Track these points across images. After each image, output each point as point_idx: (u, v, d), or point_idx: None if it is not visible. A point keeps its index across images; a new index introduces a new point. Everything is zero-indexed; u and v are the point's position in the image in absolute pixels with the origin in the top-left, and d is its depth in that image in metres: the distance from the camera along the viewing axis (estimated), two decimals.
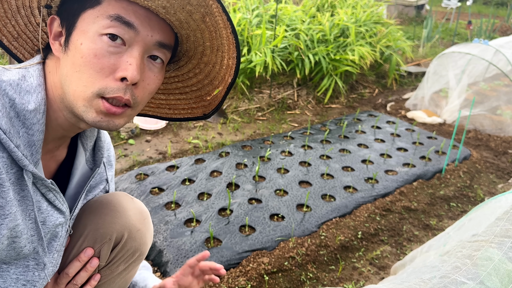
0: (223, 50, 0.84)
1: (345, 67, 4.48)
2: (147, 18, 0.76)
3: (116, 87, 0.75)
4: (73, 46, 0.76)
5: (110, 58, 0.74)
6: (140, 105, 0.83)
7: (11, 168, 0.74)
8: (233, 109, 4.12)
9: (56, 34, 0.82)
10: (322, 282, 1.96)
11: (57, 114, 0.82)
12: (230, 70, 0.87)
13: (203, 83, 0.95)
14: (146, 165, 2.93)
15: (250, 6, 4.84)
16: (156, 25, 0.78)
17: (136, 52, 0.76)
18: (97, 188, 1.04)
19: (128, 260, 1.06)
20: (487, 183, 3.01)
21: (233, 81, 0.89)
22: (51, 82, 0.82)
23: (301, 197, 2.55)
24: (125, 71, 0.75)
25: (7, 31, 0.88)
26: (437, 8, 12.50)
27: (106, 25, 0.74)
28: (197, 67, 0.93)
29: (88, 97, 0.76)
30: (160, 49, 0.80)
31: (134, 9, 0.75)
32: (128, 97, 0.77)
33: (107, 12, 0.74)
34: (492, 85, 4.33)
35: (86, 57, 0.74)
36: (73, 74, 0.76)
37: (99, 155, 0.98)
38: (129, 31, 0.75)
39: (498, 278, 1.04)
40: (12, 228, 0.75)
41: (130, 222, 1.02)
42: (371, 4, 5.72)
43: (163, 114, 1.05)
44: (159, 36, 0.79)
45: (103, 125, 0.78)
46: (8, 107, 0.73)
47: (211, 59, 0.89)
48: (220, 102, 0.95)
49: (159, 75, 0.83)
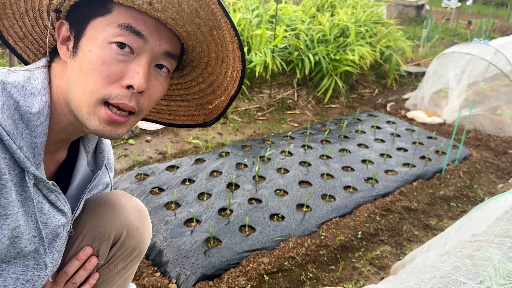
0: (228, 62, 0.85)
1: (345, 67, 4.48)
2: (156, 28, 0.77)
3: (121, 94, 0.76)
4: (82, 52, 0.76)
5: (117, 66, 0.75)
6: (144, 112, 0.83)
7: (13, 169, 0.74)
8: (233, 109, 4.12)
9: (64, 39, 0.82)
10: (322, 282, 1.96)
11: (61, 117, 0.83)
12: (234, 82, 0.88)
13: (206, 92, 0.95)
14: (146, 165, 2.93)
15: (250, 6, 4.84)
16: (164, 35, 0.78)
17: (144, 61, 0.77)
18: (97, 189, 1.04)
19: (127, 259, 1.06)
20: (487, 183, 3.01)
21: (236, 93, 0.89)
22: (57, 86, 0.82)
23: (301, 197, 2.54)
24: (132, 79, 0.75)
25: (14, 31, 0.88)
26: (437, 8, 12.50)
27: (116, 33, 0.75)
28: (200, 76, 0.94)
29: (92, 103, 0.76)
30: (167, 59, 0.81)
31: (144, 19, 0.76)
32: (133, 105, 0.78)
33: (117, 20, 0.75)
34: (492, 85, 4.33)
35: (94, 64, 0.75)
36: (80, 80, 0.76)
37: (101, 158, 0.98)
38: (138, 40, 0.76)
39: (498, 278, 1.03)
40: (14, 228, 0.75)
41: (128, 221, 1.02)
42: (371, 4, 5.72)
43: (163, 119, 1.05)
44: (167, 46, 0.79)
45: (105, 134, 0.79)
46: (12, 109, 0.74)
47: (216, 69, 0.89)
48: (221, 112, 0.96)
49: (165, 83, 0.84)
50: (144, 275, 1.90)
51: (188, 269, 1.89)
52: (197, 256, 1.97)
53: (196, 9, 0.73)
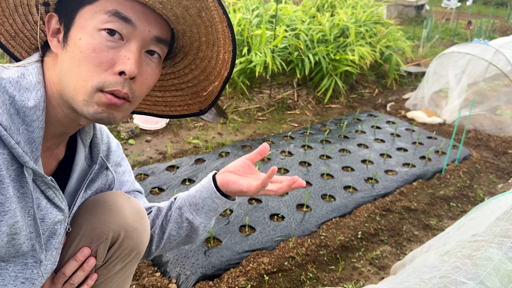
0: (219, 44, 0.85)
1: (345, 67, 4.47)
2: (144, 13, 0.77)
3: (114, 81, 0.76)
4: (72, 41, 0.77)
5: (108, 53, 0.76)
6: (138, 100, 0.84)
7: (11, 164, 0.74)
8: (233, 109, 4.12)
9: (54, 31, 0.83)
10: (322, 282, 1.96)
11: (56, 110, 0.83)
12: (226, 64, 0.88)
13: (199, 78, 0.96)
14: (146, 165, 2.93)
15: (250, 6, 4.84)
16: (153, 20, 0.79)
17: (134, 46, 0.77)
18: (96, 185, 1.04)
19: (125, 260, 1.05)
20: (487, 183, 3.01)
21: (229, 75, 0.89)
22: (50, 79, 0.82)
23: (301, 197, 2.54)
24: (124, 65, 0.76)
25: (5, 29, 0.88)
26: (437, 8, 12.50)
27: (104, 20, 0.75)
28: (193, 63, 0.94)
29: (88, 92, 0.77)
30: (157, 44, 0.81)
31: (131, 4, 0.76)
32: (126, 91, 0.78)
33: (105, 7, 0.75)
34: (492, 85, 4.33)
35: (85, 52, 0.75)
36: (73, 69, 0.77)
37: (96, 152, 0.98)
38: (127, 26, 0.76)
39: (498, 278, 1.03)
40: (12, 225, 0.75)
41: (126, 221, 1.02)
42: (371, 4, 5.71)
43: (159, 111, 1.05)
44: (156, 31, 0.80)
45: (103, 118, 0.79)
46: (8, 104, 0.74)
47: (207, 54, 0.89)
48: (216, 97, 0.96)
49: (156, 69, 0.85)
50: (144, 275, 1.90)
51: (188, 269, 1.89)
52: (197, 256, 1.97)
53: None
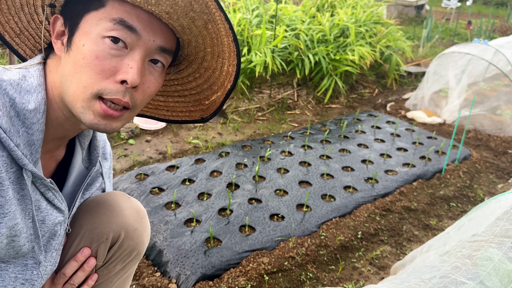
0: (223, 56, 0.85)
1: (345, 67, 4.47)
2: (149, 23, 0.76)
3: (115, 89, 0.76)
4: (75, 46, 0.76)
5: (111, 61, 0.75)
6: (139, 108, 0.83)
7: (11, 167, 0.74)
8: (233, 109, 4.12)
9: (59, 33, 0.82)
10: (322, 282, 1.96)
11: (57, 113, 0.83)
12: (230, 77, 0.88)
13: (202, 87, 0.95)
14: (146, 165, 2.93)
15: (250, 6, 4.84)
16: (158, 30, 0.78)
17: (138, 55, 0.76)
18: (94, 186, 1.04)
19: (125, 260, 1.05)
20: (487, 183, 3.01)
21: (232, 88, 0.89)
22: (51, 82, 0.82)
23: (301, 197, 2.54)
24: (126, 74, 0.75)
25: (10, 27, 0.88)
26: (437, 8, 12.49)
27: (109, 28, 0.74)
28: (197, 72, 0.93)
29: (86, 98, 0.76)
30: (162, 54, 0.81)
31: (137, 13, 0.75)
32: (127, 100, 0.77)
33: (110, 15, 0.74)
34: (492, 85, 4.33)
35: (88, 59, 0.74)
36: (74, 75, 0.76)
37: (95, 154, 0.98)
38: (131, 35, 0.75)
39: (498, 278, 1.03)
40: (11, 227, 0.75)
41: (126, 222, 1.02)
42: (371, 4, 5.71)
43: (161, 115, 1.05)
44: (161, 41, 0.79)
45: (100, 128, 0.79)
46: (8, 107, 0.74)
47: (212, 64, 0.89)
48: (218, 107, 0.96)
49: (159, 78, 0.84)
50: (144, 275, 1.90)
51: (188, 269, 1.89)
52: (197, 256, 1.97)
53: (190, 3, 0.73)
